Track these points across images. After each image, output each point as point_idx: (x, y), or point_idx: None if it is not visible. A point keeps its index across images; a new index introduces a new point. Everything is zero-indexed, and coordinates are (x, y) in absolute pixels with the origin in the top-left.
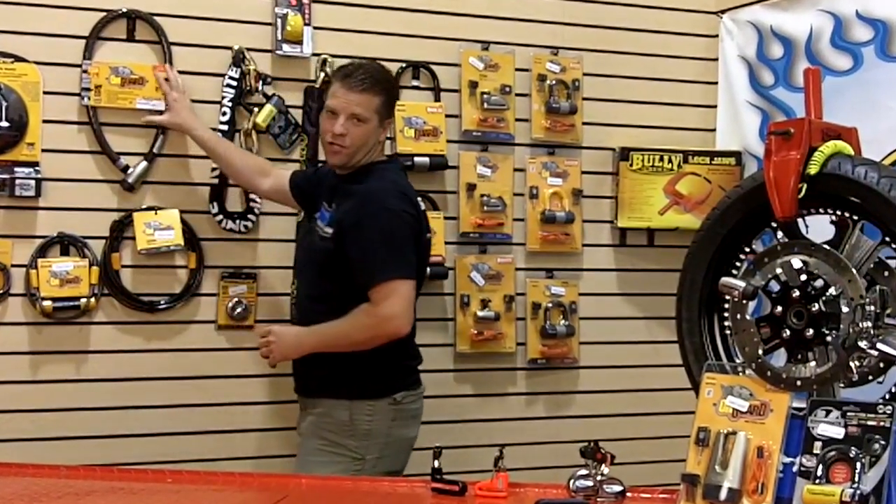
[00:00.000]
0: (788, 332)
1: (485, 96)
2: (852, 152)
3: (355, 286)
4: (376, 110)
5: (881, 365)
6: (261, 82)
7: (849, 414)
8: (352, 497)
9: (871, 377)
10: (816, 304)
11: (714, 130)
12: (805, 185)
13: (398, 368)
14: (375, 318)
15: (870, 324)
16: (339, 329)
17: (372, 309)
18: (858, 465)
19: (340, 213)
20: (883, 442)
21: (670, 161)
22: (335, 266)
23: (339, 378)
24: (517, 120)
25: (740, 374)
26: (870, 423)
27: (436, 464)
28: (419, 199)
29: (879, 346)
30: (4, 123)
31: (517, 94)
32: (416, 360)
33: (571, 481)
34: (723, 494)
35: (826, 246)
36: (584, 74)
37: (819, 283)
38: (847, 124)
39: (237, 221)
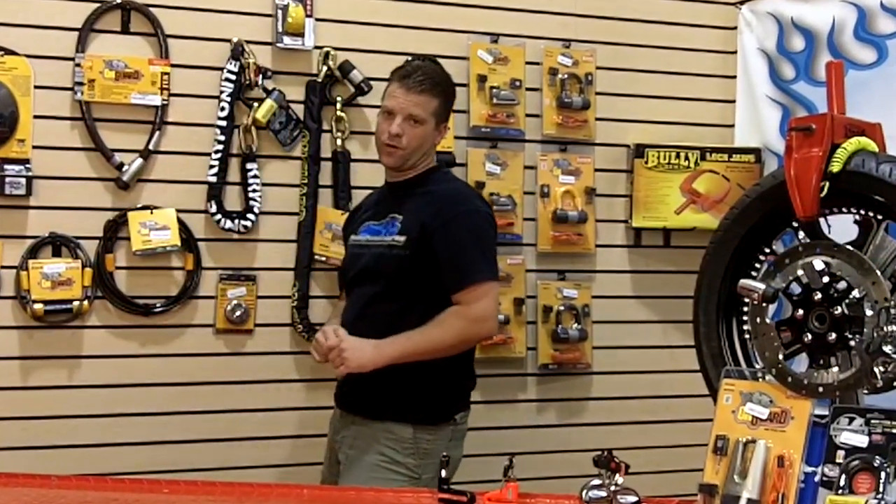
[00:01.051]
0: (810, 337)
1: (494, 91)
2: (876, 149)
3: (434, 291)
4: (434, 112)
5: None
6: (261, 76)
7: (873, 422)
8: None
9: None
10: (839, 308)
11: (732, 126)
12: (827, 184)
13: (460, 389)
14: (468, 321)
15: (895, 328)
16: (429, 334)
17: (464, 310)
18: (883, 474)
19: (416, 218)
20: None
21: (687, 158)
22: (412, 273)
23: (406, 400)
24: (527, 115)
25: (760, 379)
26: (895, 431)
27: (443, 473)
28: None
29: None
30: None
31: (527, 89)
32: (473, 379)
33: (584, 492)
34: None
35: (849, 247)
36: (598, 68)
37: (842, 285)
38: (871, 120)
39: (236, 221)
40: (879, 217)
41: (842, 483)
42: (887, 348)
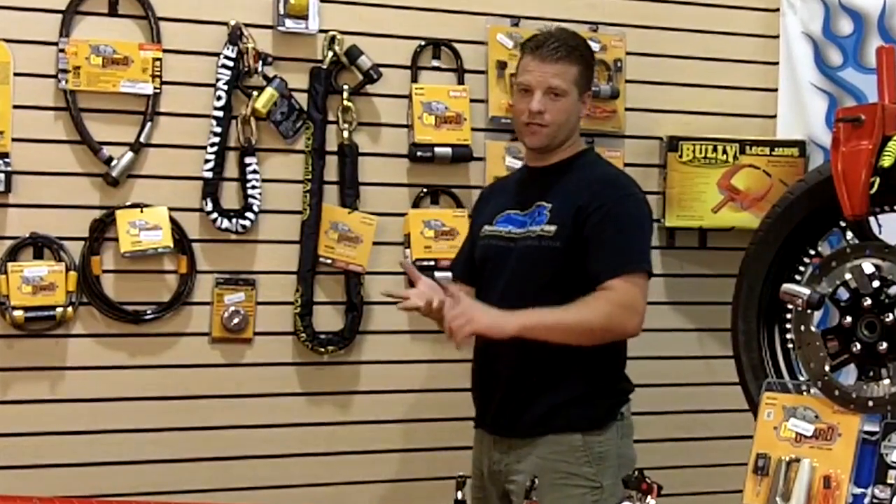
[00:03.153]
0: (859, 346)
1: (514, 79)
2: None
3: (585, 282)
4: (574, 81)
5: None
6: (261, 62)
7: None
8: None
9: None
10: (891, 314)
11: (774, 117)
12: (878, 179)
13: (618, 381)
14: (617, 307)
15: None
16: (570, 312)
17: (613, 295)
18: None
19: (568, 204)
20: None
21: (725, 152)
22: (566, 267)
23: (566, 406)
24: None
25: (804, 393)
26: None
27: (459, 495)
28: None
29: None
30: None
31: None
32: (625, 371)
33: None
34: None
35: None
36: (628, 53)
37: (894, 290)
38: None
39: (234, 220)
40: None
41: None
42: None
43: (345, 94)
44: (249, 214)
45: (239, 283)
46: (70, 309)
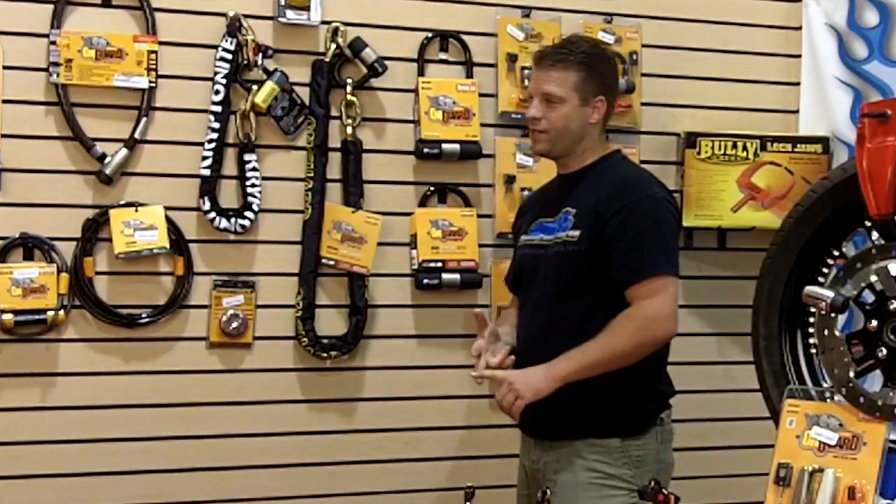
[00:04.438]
0: (885, 351)
1: (525, 72)
2: None
3: (618, 289)
4: (574, 87)
5: None
6: (260, 55)
7: None
8: None
9: None
10: None
11: (797, 112)
12: None
13: (657, 388)
14: (642, 322)
15: None
16: (602, 343)
17: (636, 311)
18: None
19: (588, 208)
20: None
21: (745, 149)
22: (591, 271)
23: (606, 411)
24: None
25: (828, 400)
26: None
27: None
28: None
29: None
30: None
31: None
32: (668, 375)
33: None
34: None
35: None
36: (644, 46)
37: None
38: None
39: (232, 220)
40: None
41: None
42: None
43: (348, 89)
44: (249, 214)
45: (238, 285)
46: (62, 312)
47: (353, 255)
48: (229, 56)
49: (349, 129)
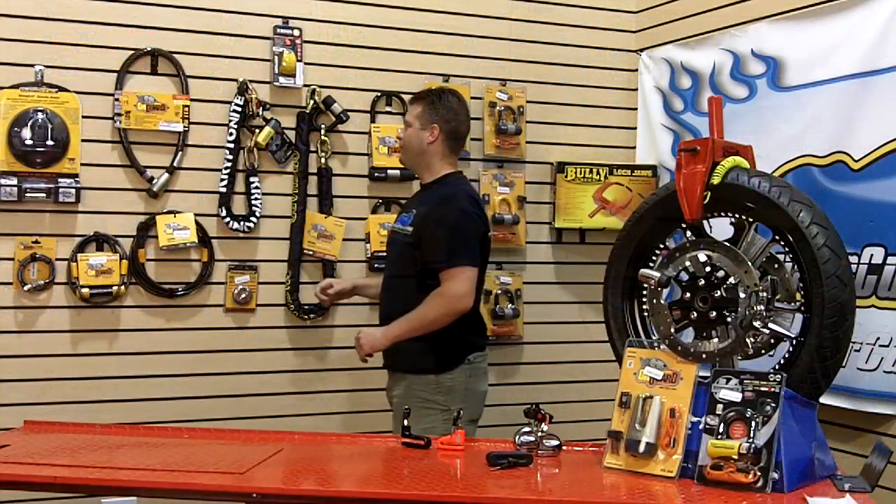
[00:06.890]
0: (695, 315)
1: None
2: (748, 166)
3: (427, 268)
4: (417, 116)
5: (772, 341)
6: (261, 108)
7: (745, 381)
8: (336, 449)
9: (763, 351)
10: (718, 291)
11: (634, 148)
12: (709, 193)
13: (466, 339)
14: (445, 297)
15: (762, 307)
16: (417, 314)
17: (441, 290)
18: (753, 423)
19: (420, 214)
20: (773, 404)
21: (598, 173)
22: (412, 255)
23: (426, 354)
24: (472, 139)
25: (656, 348)
26: (762, 388)
27: (405, 423)
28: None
29: (770, 325)
30: (50, 142)
31: (472, 118)
32: (480, 328)
33: (517, 437)
34: (641, 448)
35: (726, 243)
36: (528, 102)
37: (721, 273)
38: (744, 143)
39: (241, 223)
40: (750, 220)
41: (721, 430)
42: (756, 323)
43: (322, 131)
44: (253, 219)
45: (245, 268)
46: (123, 287)
47: (325, 247)
48: (239, 109)
49: (323, 160)
